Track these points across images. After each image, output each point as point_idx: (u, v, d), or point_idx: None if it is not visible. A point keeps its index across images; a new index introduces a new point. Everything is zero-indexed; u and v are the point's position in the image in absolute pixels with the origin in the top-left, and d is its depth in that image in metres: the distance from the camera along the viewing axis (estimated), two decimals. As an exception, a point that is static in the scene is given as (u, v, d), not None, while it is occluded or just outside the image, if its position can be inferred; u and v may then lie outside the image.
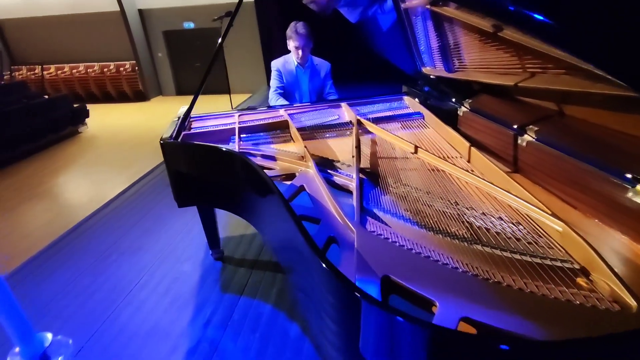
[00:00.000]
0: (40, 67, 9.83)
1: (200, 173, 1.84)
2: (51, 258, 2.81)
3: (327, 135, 2.09)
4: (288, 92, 2.94)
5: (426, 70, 2.44)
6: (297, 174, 1.62)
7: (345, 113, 2.37)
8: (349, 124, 2.14)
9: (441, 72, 2.22)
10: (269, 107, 2.56)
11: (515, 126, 1.55)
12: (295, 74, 2.89)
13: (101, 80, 10.51)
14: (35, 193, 4.45)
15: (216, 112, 2.48)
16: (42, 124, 6.54)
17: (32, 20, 10.34)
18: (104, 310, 2.21)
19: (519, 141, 1.52)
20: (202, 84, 1.93)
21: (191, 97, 2.10)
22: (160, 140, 1.79)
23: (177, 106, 2.28)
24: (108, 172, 5.00)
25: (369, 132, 2.08)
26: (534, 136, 1.46)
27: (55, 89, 10.42)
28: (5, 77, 9.73)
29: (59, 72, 10.81)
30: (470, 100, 1.95)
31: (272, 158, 1.78)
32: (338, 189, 1.51)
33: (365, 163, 1.69)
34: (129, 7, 9.57)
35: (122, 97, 10.60)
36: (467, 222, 1.18)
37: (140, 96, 10.52)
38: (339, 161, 1.70)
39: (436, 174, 1.52)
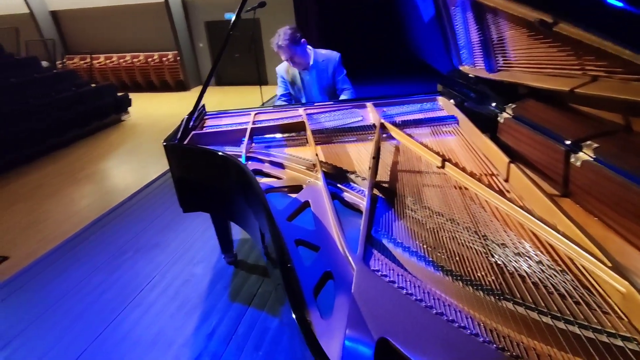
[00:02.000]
0: (89, 56, 10.24)
1: (200, 178, 1.71)
2: (71, 250, 2.84)
3: (347, 139, 1.89)
4: (295, 98, 2.75)
5: (464, 68, 2.16)
6: (304, 186, 1.44)
7: (370, 114, 2.15)
8: (372, 127, 1.92)
9: (481, 71, 1.94)
10: (288, 105, 2.38)
11: (568, 141, 1.28)
12: (300, 78, 2.67)
13: (145, 69, 10.83)
14: (78, 178, 4.60)
15: (233, 109, 2.34)
16: (88, 111, 6.80)
17: (85, 11, 10.80)
18: (112, 312, 2.17)
19: (572, 159, 1.24)
20: (210, 77, 1.79)
21: (230, 88, 1.96)
22: (164, 142, 1.68)
23: (215, 96, 2.17)
24: (146, 160, 5.07)
25: (393, 138, 1.85)
26: (591, 155, 1.18)
27: (104, 78, 10.88)
28: (58, 65, 10.26)
29: (108, 61, 11.26)
30: (513, 106, 1.67)
31: (280, 166, 1.61)
32: (349, 208, 1.32)
33: (383, 176, 1.47)
34: (172, -1, 9.72)
35: (164, 87, 10.87)
36: (497, 264, 0.95)
37: (181, 86, 10.74)
38: (354, 172, 1.50)
39: (465, 195, 1.28)
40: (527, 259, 0.95)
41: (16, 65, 7.36)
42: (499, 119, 1.70)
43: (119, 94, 7.76)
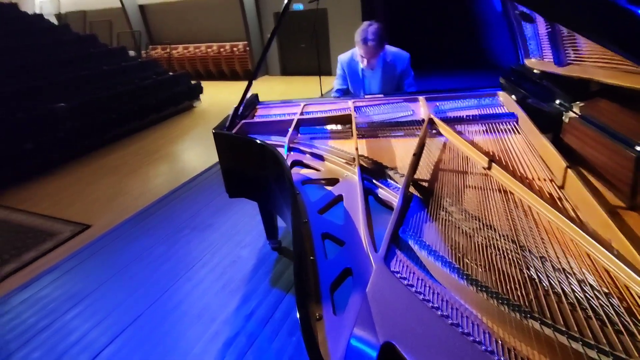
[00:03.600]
0: (169, 46, 11.06)
1: (242, 165, 1.77)
2: (141, 222, 3.15)
3: (393, 134, 1.83)
4: (352, 95, 2.54)
5: (530, 62, 1.97)
6: (340, 180, 1.43)
7: (421, 109, 2.06)
8: (420, 122, 1.85)
9: (549, 65, 1.76)
10: (338, 97, 2.37)
11: (640, 147, 1.12)
12: (361, 76, 2.47)
13: (218, 59, 11.44)
14: (155, 158, 5.05)
15: (284, 100, 2.39)
16: (166, 98, 7.40)
17: (168, 4, 11.65)
18: (167, 282, 2.37)
19: (644, 168, 1.09)
20: (258, 68, 1.85)
21: (295, 78, 2.02)
22: (213, 129, 1.77)
23: (280, 86, 2.25)
24: (212, 144, 5.35)
25: (442, 135, 1.76)
26: (668, 164, 1.02)
27: (182, 66, 11.70)
28: (143, 55, 11.24)
29: (185, 51, 12.09)
30: (581, 104, 1.49)
31: (320, 158, 1.62)
32: (382, 205, 1.29)
33: (423, 174, 1.41)
34: (245, -10, 10.09)
35: (233, 76, 11.41)
36: (532, 278, 0.87)
37: (249, 75, 11.14)
38: (394, 168, 1.46)
39: (508, 200, 1.18)
40: (569, 276, 0.86)
41: (108, 54, 8.20)
42: (563, 118, 1.53)
43: (192, 82, 8.31)
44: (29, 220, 3.54)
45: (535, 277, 0.87)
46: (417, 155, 1.45)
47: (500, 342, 0.71)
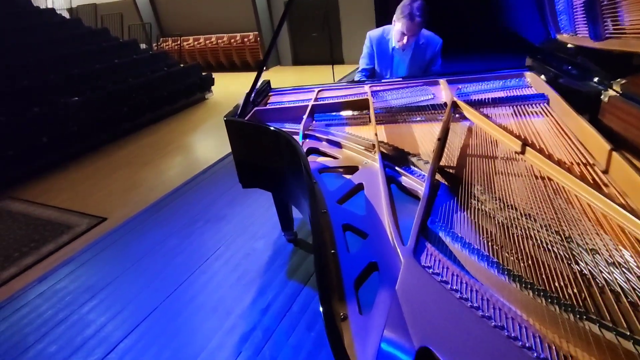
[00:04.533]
0: (179, 38, 11.01)
1: (256, 154, 1.70)
2: (155, 214, 3.13)
3: (414, 119, 1.73)
4: (379, 76, 2.42)
5: (563, 37, 1.83)
6: (360, 168, 1.34)
7: (442, 92, 1.95)
8: (442, 106, 1.74)
9: (585, 40, 1.62)
10: (353, 81, 2.26)
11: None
12: (391, 54, 2.33)
13: (228, 50, 11.35)
14: (168, 150, 5.04)
15: (297, 86, 2.30)
16: (177, 90, 7.38)
17: (177, -5, 11.59)
18: (181, 275, 2.33)
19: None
20: (267, 56, 1.77)
21: (306, 67, 1.93)
22: (224, 116, 1.70)
23: (292, 76, 2.17)
24: (224, 136, 5.23)
25: (466, 119, 1.65)
26: None
27: (192, 58, 11.66)
28: (154, 47, 11.23)
29: (196, 43, 12.03)
30: (623, 81, 1.36)
31: (337, 145, 1.53)
32: (406, 194, 1.20)
33: (449, 160, 1.31)
34: (255, -21, 9.94)
35: (244, 67, 11.31)
36: (583, 274, 0.77)
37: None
38: (416, 155, 1.36)
39: (548, 187, 1.08)
40: (625, 271, 0.76)
41: (119, 47, 8.20)
42: (602, 97, 1.41)
43: (203, 73, 8.26)
44: (46, 214, 3.57)
45: (587, 272, 0.77)
46: (443, 141, 1.35)
47: (554, 347, 0.63)
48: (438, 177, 1.20)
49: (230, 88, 9.07)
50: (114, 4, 11.87)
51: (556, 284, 0.75)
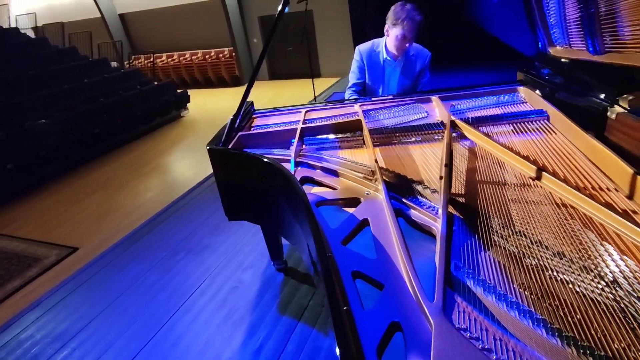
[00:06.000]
0: (152, 55, 10.75)
1: (245, 186, 1.55)
2: (131, 246, 2.90)
3: (410, 139, 1.63)
4: (370, 90, 2.38)
5: (555, 50, 1.79)
6: (361, 200, 1.22)
7: (436, 110, 1.87)
8: (439, 125, 1.65)
9: (581, 53, 1.58)
10: (342, 100, 2.16)
11: None
12: (383, 66, 2.28)
13: (203, 66, 11.17)
14: (144, 171, 4.81)
15: (282, 107, 2.18)
16: (151, 108, 7.13)
17: (148, 12, 11.36)
18: (164, 314, 2.13)
19: None
20: (254, 75, 1.63)
21: (284, 82, 1.80)
22: (207, 145, 1.55)
23: (270, 90, 2.03)
24: (203, 155, 5.08)
25: (465, 138, 1.57)
26: None
27: (167, 75, 11.40)
28: (126, 65, 10.92)
29: (169, 59, 11.79)
30: (630, 97, 1.31)
31: (334, 173, 1.41)
32: (416, 229, 1.09)
33: (457, 187, 1.21)
34: (228, -6, 9.86)
35: (220, 82, 11.15)
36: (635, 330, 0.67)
37: (236, 81, 10.94)
38: (421, 182, 1.25)
39: (572, 217, 0.99)
40: (686, 322, 0.66)
41: (89, 66, 7.89)
42: (608, 114, 1.35)
43: (178, 90, 8.04)
44: (12, 246, 3.30)
45: (645, 327, 0.67)
46: (450, 166, 1.25)
47: None
48: (450, 208, 1.09)
49: (206, 105, 8.89)
50: (82, 22, 11.53)
51: (615, 346, 0.64)
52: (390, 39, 2.14)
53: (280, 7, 1.51)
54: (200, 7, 10.67)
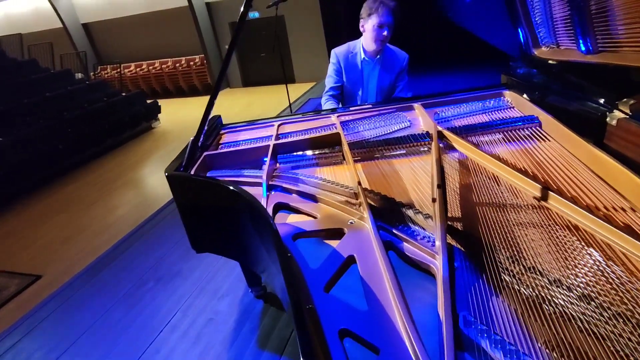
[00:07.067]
0: (119, 65, 10.32)
1: (211, 217, 1.36)
2: (98, 274, 2.66)
3: (393, 152, 1.49)
4: (348, 93, 2.28)
5: (541, 52, 1.69)
6: (345, 231, 1.06)
7: (420, 119, 1.74)
8: (425, 136, 1.51)
9: (571, 53, 1.47)
10: (317, 111, 2.00)
11: None
12: (361, 68, 2.20)
13: (174, 75, 10.83)
14: (113, 188, 4.55)
15: (253, 120, 2.00)
16: (120, 120, 6.79)
17: (114, 21, 10.93)
18: (131, 357, 1.90)
19: None
20: (218, 85, 1.45)
21: (258, 88, 1.61)
22: (166, 171, 1.35)
23: (244, 98, 1.84)
24: None
25: (453, 149, 1.43)
26: None
27: (136, 86, 11.00)
28: (92, 76, 10.44)
29: (138, 69, 11.37)
30: (632, 101, 1.20)
31: (313, 198, 1.24)
32: (411, 266, 0.93)
33: (453, 210, 1.07)
34: (196, 1, 9.59)
35: (192, 91, 10.84)
36: None
37: (209, 89, 10.64)
38: (411, 206, 1.10)
39: (592, 246, 0.85)
40: None
41: (51, 79, 7.47)
42: (608, 120, 1.24)
43: (148, 101, 7.71)
44: (-31, 277, 3.00)
45: None
46: (443, 187, 1.10)
47: None
48: (448, 237, 0.94)
49: (178, 115, 8.60)
50: (43, 33, 10.98)
51: None
52: (367, 33, 2.07)
53: (242, 9, 1.34)
54: (169, 14, 10.34)
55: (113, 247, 2.98)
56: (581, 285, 0.74)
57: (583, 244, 0.85)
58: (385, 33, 2.02)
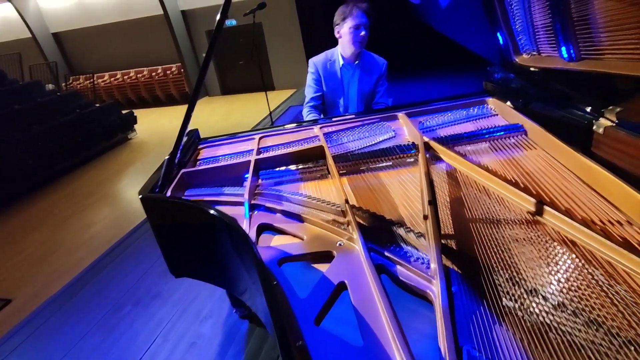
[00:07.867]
0: (93, 75, 10.02)
1: (188, 241, 1.28)
2: (72, 299, 2.51)
3: (379, 165, 1.44)
4: (330, 102, 2.26)
5: (522, 59, 1.68)
6: (334, 254, 1.00)
7: (405, 128, 1.70)
8: (411, 147, 1.47)
9: (553, 60, 1.47)
10: (299, 123, 1.94)
11: None
12: (340, 76, 2.18)
13: (150, 84, 10.60)
14: (88, 203, 4.38)
15: (233, 133, 1.92)
16: (94, 132, 6.57)
17: (85, 30, 10.62)
18: (106, 390, 1.78)
19: None
20: (195, 97, 1.37)
21: (237, 96, 1.53)
22: (139, 193, 1.26)
23: (223, 106, 1.76)
24: None
25: (440, 160, 1.40)
26: None
27: (111, 96, 10.69)
28: (64, 87, 10.09)
29: (112, 79, 11.07)
30: (618, 109, 1.19)
31: (298, 217, 1.18)
32: (405, 290, 0.87)
33: (446, 227, 1.02)
34: (172, 9, 9.43)
35: (170, 100, 10.63)
36: None
37: (186, 98, 10.45)
38: (402, 224, 1.05)
39: (589, 263, 0.82)
40: None
41: (20, 91, 7.17)
42: (595, 128, 1.23)
43: (124, 111, 7.49)
44: None
45: None
46: (434, 203, 1.06)
47: None
48: (443, 258, 0.89)
49: (156, 125, 8.39)
50: (10, 43, 10.57)
51: None
52: (344, 37, 2.06)
53: (219, 17, 1.27)
54: (143, 22, 10.13)
55: (88, 268, 2.83)
56: (586, 309, 0.70)
57: (583, 261, 0.82)
58: (362, 33, 2.01)
